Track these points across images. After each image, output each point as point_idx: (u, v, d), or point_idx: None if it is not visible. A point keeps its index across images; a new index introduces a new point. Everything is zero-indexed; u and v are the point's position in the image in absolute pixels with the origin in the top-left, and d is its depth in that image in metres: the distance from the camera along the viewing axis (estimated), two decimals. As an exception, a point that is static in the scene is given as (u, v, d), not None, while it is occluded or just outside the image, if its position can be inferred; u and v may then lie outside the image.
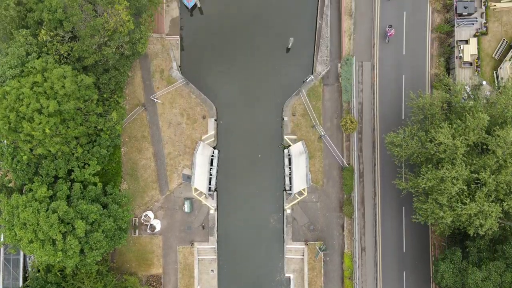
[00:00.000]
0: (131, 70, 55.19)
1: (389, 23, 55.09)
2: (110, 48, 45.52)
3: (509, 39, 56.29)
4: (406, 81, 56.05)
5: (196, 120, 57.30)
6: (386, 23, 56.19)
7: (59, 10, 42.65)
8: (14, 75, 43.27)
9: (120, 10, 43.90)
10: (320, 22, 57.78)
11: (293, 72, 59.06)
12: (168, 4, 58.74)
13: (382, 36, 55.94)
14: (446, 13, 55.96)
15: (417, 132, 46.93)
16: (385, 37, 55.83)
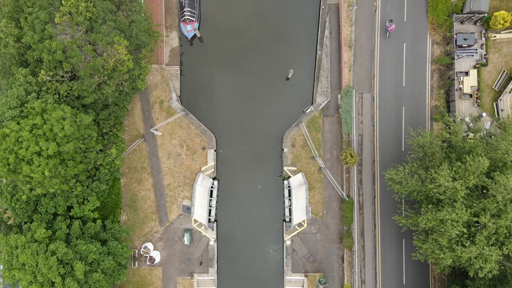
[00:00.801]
0: (131, 101, 55.04)
1: (389, 19, 55.02)
2: (110, 87, 45.43)
3: (509, 70, 56.27)
4: (406, 113, 56.00)
5: (196, 151, 57.20)
6: (386, 55, 56.31)
7: (59, 52, 42.54)
8: (14, 116, 43.14)
9: (119, 50, 43.74)
10: (320, 53, 57.70)
11: (293, 102, 58.99)
12: (168, 34, 58.67)
13: (382, 37, 55.85)
14: (446, 45, 55.90)
15: (417, 170, 46.87)
16: (385, 32, 55.72)
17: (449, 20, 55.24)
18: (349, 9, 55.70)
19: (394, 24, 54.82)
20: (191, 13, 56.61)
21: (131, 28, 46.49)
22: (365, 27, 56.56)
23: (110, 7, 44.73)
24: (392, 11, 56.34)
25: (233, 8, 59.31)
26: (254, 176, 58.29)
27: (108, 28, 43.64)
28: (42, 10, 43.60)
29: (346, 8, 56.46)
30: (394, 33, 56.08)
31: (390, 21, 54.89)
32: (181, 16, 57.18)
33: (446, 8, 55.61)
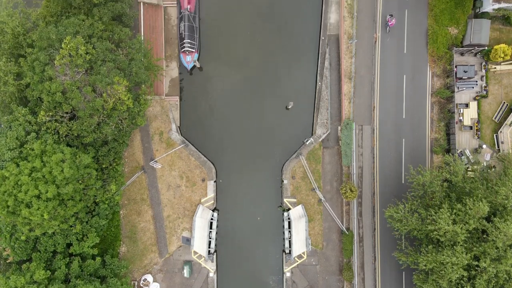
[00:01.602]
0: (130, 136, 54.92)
1: (390, 14, 54.76)
2: (109, 127, 45.33)
3: (510, 102, 56.22)
4: (406, 145, 55.91)
5: (196, 182, 57.09)
6: (387, 87, 56.24)
7: (58, 94, 42.44)
8: (13, 157, 43.03)
9: (119, 90, 43.64)
10: (320, 84, 57.63)
11: (293, 132, 58.89)
12: (167, 64, 58.60)
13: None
14: (446, 78, 55.83)
15: (417, 208, 46.80)
16: (385, 27, 55.56)
17: (449, 53, 55.18)
18: (349, 42, 55.64)
19: (395, 19, 54.47)
20: (191, 44, 56.53)
21: (130, 66, 46.42)
22: (365, 59, 56.48)
23: (109, 47, 44.61)
24: (392, 43, 56.27)
25: (233, 38, 59.22)
26: (254, 206, 58.18)
27: (107, 68, 43.51)
28: (41, 51, 43.48)
29: (346, 40, 56.40)
30: (394, 65, 56.05)
31: (390, 15, 54.61)
32: (181, 47, 57.09)
33: (446, 41, 55.56)
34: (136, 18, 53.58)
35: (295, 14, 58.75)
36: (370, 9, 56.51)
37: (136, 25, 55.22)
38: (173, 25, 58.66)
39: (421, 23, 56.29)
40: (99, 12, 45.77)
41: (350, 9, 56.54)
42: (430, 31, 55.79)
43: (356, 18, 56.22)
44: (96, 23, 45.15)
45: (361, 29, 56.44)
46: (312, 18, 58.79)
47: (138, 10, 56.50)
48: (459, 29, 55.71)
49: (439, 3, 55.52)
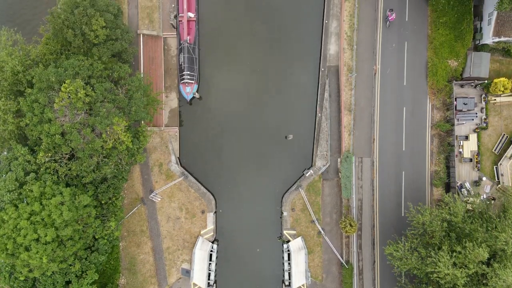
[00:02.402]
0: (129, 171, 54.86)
1: (390, 8, 54.57)
2: (109, 166, 45.25)
3: (510, 134, 56.15)
4: (406, 178, 55.85)
5: (195, 214, 57.02)
6: (386, 119, 56.16)
7: (57, 136, 42.35)
8: (12, 199, 42.95)
9: (118, 131, 43.58)
10: (319, 115, 57.58)
11: (292, 162, 58.80)
12: (167, 95, 58.56)
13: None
14: (446, 111, 55.77)
15: (417, 247, 46.71)
16: (386, 21, 55.50)
17: (449, 86, 55.12)
18: (349, 75, 55.59)
19: (395, 14, 54.34)
20: (190, 76, 56.48)
21: (130, 105, 46.35)
22: (364, 91, 56.43)
23: (109, 87, 44.53)
24: (392, 75, 56.22)
25: (232, 68, 59.16)
26: (254, 237, 58.08)
27: (107, 110, 43.44)
28: (41, 92, 43.41)
29: (346, 72, 56.36)
30: (394, 97, 56.00)
31: (390, 10, 54.48)
32: (181, 78, 57.05)
33: (446, 74, 55.51)
34: (136, 54, 53.45)
35: (295, 44, 58.67)
36: (370, 41, 56.46)
37: (136, 58, 55.09)
38: (173, 56, 58.62)
39: (421, 55, 56.24)
40: (98, 51, 45.71)
41: (350, 41, 56.48)
42: (430, 63, 55.75)
43: (356, 50, 56.15)
44: (95, 63, 45.08)
45: (360, 61, 56.39)
46: (312, 49, 58.70)
47: (137, 41, 56.58)
48: (458, 62, 55.67)
49: (439, 36, 55.49)
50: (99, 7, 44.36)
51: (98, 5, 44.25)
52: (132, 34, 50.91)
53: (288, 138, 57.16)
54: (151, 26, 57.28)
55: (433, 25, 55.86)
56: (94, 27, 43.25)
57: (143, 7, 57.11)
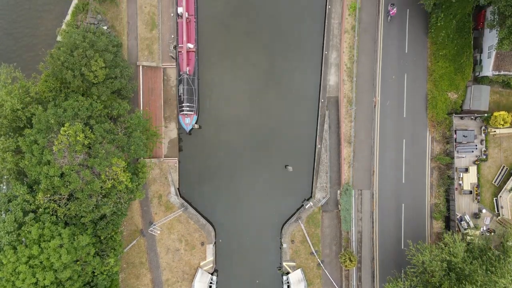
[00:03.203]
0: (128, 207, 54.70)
1: (391, 3, 54.61)
2: (108, 206, 45.15)
3: (509, 166, 56.09)
4: (406, 210, 55.76)
5: (195, 246, 56.92)
6: (386, 151, 56.08)
7: (56, 178, 42.24)
8: (11, 241, 42.84)
9: (118, 171, 43.50)
10: (319, 147, 57.50)
11: (292, 193, 58.72)
12: (166, 125, 58.46)
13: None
14: (445, 144, 55.69)
15: (417, 285, 46.62)
16: (387, 16, 55.46)
17: (448, 119, 55.07)
18: (349, 108, 55.54)
19: (396, 8, 54.26)
20: (189, 107, 56.45)
21: (129, 143, 46.25)
22: (364, 123, 56.35)
23: (108, 128, 44.42)
24: (392, 107, 56.17)
25: (232, 98, 59.07)
26: (253, 268, 57.98)
27: (106, 151, 43.35)
28: (40, 133, 43.31)
29: (346, 104, 56.30)
30: (394, 129, 55.94)
31: (392, 4, 54.40)
32: (180, 109, 57.00)
33: (446, 107, 55.46)
34: (135, 89, 53.39)
35: (295, 75, 58.60)
36: (369, 73, 56.41)
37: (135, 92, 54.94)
38: (172, 86, 58.54)
39: (420, 87, 56.19)
40: (97, 90, 45.63)
41: (350, 73, 56.44)
42: (429, 95, 55.70)
43: (356, 82, 56.09)
44: (94, 102, 45.00)
45: (360, 93, 56.35)
46: (312, 79, 58.60)
47: (137, 73, 56.53)
48: (458, 94, 55.63)
49: (439, 68, 55.43)
50: (99, 47, 44.27)
51: (98, 45, 44.16)
52: (132, 70, 50.84)
53: (288, 170, 57.05)
54: (150, 57, 57.22)
55: (432, 57, 55.81)
56: (94, 68, 43.18)
57: (142, 38, 57.06)
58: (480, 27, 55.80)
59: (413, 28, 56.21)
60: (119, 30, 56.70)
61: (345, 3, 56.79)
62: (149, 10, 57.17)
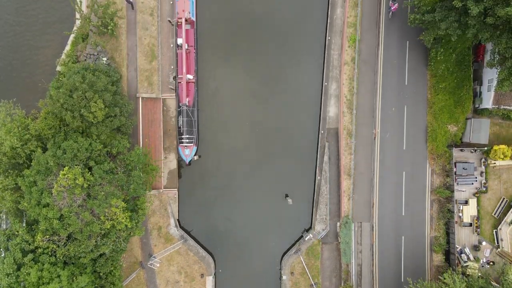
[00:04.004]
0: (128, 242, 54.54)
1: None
2: (107, 246, 45.06)
3: (509, 198, 56.08)
4: (406, 243, 55.69)
5: (194, 278, 56.82)
6: (386, 184, 56.03)
7: (55, 221, 42.14)
8: (10, 283, 42.75)
9: (117, 212, 43.41)
10: (319, 178, 57.43)
11: (292, 223, 58.67)
12: (166, 156, 58.36)
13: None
14: (445, 177, 55.64)
15: (417, 323, 46.62)
16: (388, 12, 55.43)
17: (448, 152, 55.04)
18: (350, 141, 55.50)
19: (397, 4, 54.26)
20: (189, 139, 56.38)
21: (129, 182, 46.18)
22: (364, 155, 56.31)
23: (107, 168, 44.31)
24: (392, 139, 56.12)
25: (232, 130, 58.99)
26: (253, 300, 57.97)
27: (105, 193, 43.25)
28: (39, 174, 43.22)
29: (346, 136, 56.25)
30: (393, 161, 55.89)
31: (393, 0, 54.36)
32: (180, 141, 56.92)
33: (446, 139, 55.43)
34: (134, 124, 53.33)
35: (295, 106, 58.51)
36: (369, 105, 56.39)
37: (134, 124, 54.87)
38: (172, 117, 58.46)
39: (420, 119, 56.15)
40: (97, 130, 45.54)
41: (349, 105, 56.41)
42: (429, 128, 55.65)
43: (355, 114, 56.04)
44: (94, 142, 44.91)
45: (360, 125, 56.31)
46: (312, 109, 58.55)
47: (136, 104, 56.44)
48: (458, 127, 55.61)
49: (438, 101, 55.41)
50: (98, 87, 44.21)
51: (97, 85, 44.11)
52: (132, 106, 50.77)
53: (288, 202, 56.98)
54: (150, 88, 57.15)
55: (432, 89, 55.78)
56: (93, 109, 43.11)
57: (142, 70, 57.00)
58: (480, 59, 55.83)
59: (413, 60, 56.17)
60: (118, 61, 56.63)
61: (345, 35, 56.76)
62: (149, 41, 57.11)
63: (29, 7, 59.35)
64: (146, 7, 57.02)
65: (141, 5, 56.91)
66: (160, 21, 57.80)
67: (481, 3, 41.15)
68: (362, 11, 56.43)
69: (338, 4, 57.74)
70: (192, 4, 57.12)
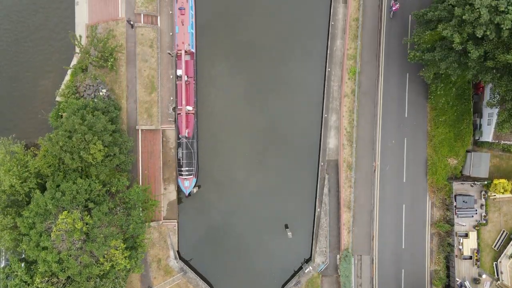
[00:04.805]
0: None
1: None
2: (106, 287, 44.89)
3: (509, 230, 55.99)
4: (406, 276, 55.59)
5: (194, 310, 56.74)
6: (386, 216, 55.94)
7: (54, 264, 42.02)
8: (8, 327, 42.67)
9: (116, 254, 43.29)
10: (319, 210, 57.32)
11: (292, 255, 58.54)
12: (165, 187, 58.26)
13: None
14: (445, 210, 55.55)
15: None
16: (389, 12, 55.34)
17: (448, 186, 54.93)
18: (350, 175, 55.41)
19: (399, 4, 54.14)
20: (189, 171, 56.29)
21: (128, 222, 46.08)
22: (364, 187, 56.20)
23: (106, 210, 44.18)
24: (392, 172, 56.02)
25: (232, 161, 58.86)
26: (253, 332, 57.83)
27: (104, 235, 43.12)
28: (38, 216, 43.12)
29: (346, 168, 56.14)
30: (393, 194, 55.81)
31: (394, 0, 54.26)
32: (179, 173, 56.83)
33: (446, 173, 55.36)
34: (134, 161, 53.23)
35: (295, 137, 58.37)
36: (369, 137, 56.29)
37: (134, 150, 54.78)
38: (171, 148, 58.36)
39: (420, 152, 56.06)
40: (96, 170, 45.43)
41: (349, 137, 56.30)
42: (429, 161, 55.56)
43: (355, 147, 55.93)
44: (93, 183, 44.80)
45: (360, 158, 56.21)
46: (311, 140, 58.43)
47: (136, 137, 56.37)
48: (458, 160, 55.53)
49: (438, 134, 55.33)
50: (97, 129, 44.11)
51: (96, 127, 44.00)
52: (131, 143, 50.63)
53: (288, 235, 56.84)
54: (149, 120, 57.04)
55: (432, 122, 55.70)
56: (92, 151, 43.01)
57: (141, 101, 56.89)
58: (480, 92, 55.80)
59: (413, 92, 56.11)
60: (118, 93, 56.54)
61: (344, 67, 56.69)
62: (149, 73, 57.02)
63: (29, 38, 59.19)
64: (146, 39, 56.94)
65: (141, 37, 56.83)
66: (160, 53, 57.74)
67: (481, 47, 41.11)
68: (362, 43, 56.34)
69: (338, 35, 57.71)
70: (191, 36, 57.07)
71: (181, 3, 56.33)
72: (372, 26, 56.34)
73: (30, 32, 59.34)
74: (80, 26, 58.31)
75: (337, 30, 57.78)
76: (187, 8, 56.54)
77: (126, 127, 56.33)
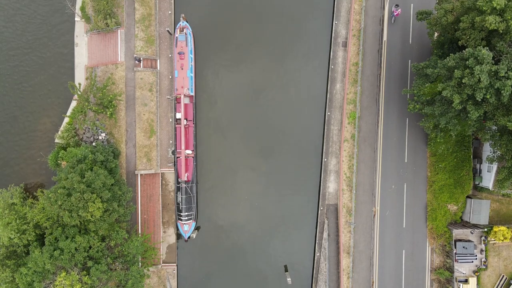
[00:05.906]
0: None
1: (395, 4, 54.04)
2: None
3: (509, 275, 55.86)
4: (406, 322, 55.48)
5: None
6: (386, 262, 55.77)
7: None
8: None
9: (115, 311, 43.19)
10: (318, 255, 57.20)
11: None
12: (164, 231, 58.13)
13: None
14: (445, 257, 55.40)
15: None
16: (391, 17, 55.24)
17: (448, 233, 54.81)
18: (349, 223, 55.28)
19: (400, 9, 53.92)
20: (188, 216, 56.17)
21: (127, 277, 45.93)
22: (363, 233, 56.04)
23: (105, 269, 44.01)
24: (391, 217, 55.89)
25: (231, 205, 58.74)
26: None
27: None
28: (36, 275, 43.00)
29: (345, 213, 56.01)
30: (393, 239, 55.65)
31: (396, 5, 54.06)
32: (178, 217, 56.70)
33: (445, 219, 55.23)
34: (133, 212, 53.11)
35: (295, 182, 58.25)
36: (369, 182, 56.15)
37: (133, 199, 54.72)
38: (171, 191, 58.23)
39: (420, 198, 55.93)
40: (95, 226, 45.30)
41: (349, 182, 56.17)
42: (429, 207, 55.43)
43: (355, 192, 55.79)
44: (92, 239, 44.69)
45: (359, 203, 56.05)
46: (310, 184, 58.36)
47: (135, 182, 56.26)
48: (458, 206, 55.41)
49: (438, 180, 55.20)
50: (96, 186, 43.98)
51: (96, 184, 43.87)
52: (130, 194, 50.48)
53: (288, 281, 56.66)
54: (148, 164, 56.93)
55: (432, 168, 55.57)
56: (91, 209, 42.88)
57: (140, 146, 56.79)
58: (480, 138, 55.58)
59: (413, 137, 56.00)
60: (117, 137, 56.42)
61: (344, 111, 56.59)
62: (148, 117, 56.92)
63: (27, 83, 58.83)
64: (145, 83, 56.86)
65: (140, 81, 56.75)
66: (159, 96, 57.67)
67: (481, 108, 40.98)
68: (362, 88, 56.25)
69: (337, 79, 57.63)
70: (191, 80, 56.98)
71: (181, 47, 56.24)
72: (372, 71, 56.24)
73: (30, 77, 58.81)
74: (79, 67, 58.22)
75: (337, 74, 57.70)
76: (187, 52, 56.47)
77: (125, 171, 56.23)
